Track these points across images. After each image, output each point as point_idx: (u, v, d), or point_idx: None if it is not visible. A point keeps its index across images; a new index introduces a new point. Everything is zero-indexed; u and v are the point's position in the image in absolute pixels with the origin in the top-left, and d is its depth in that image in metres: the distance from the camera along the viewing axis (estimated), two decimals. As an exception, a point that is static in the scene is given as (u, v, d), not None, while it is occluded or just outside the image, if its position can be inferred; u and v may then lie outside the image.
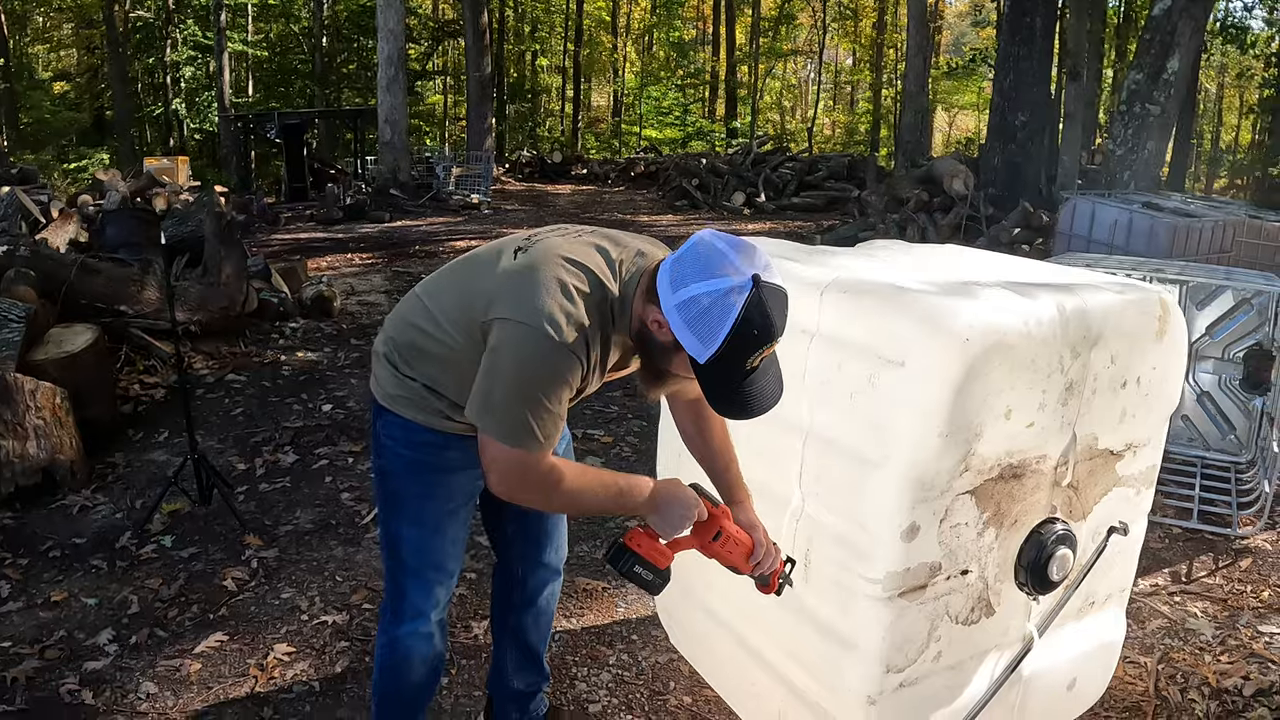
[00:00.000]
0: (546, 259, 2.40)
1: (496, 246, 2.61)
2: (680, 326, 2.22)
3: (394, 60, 21.22)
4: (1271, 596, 4.57)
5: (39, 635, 4.10)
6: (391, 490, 2.79)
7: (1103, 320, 2.77)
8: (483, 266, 2.53)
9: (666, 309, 2.24)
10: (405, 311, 2.70)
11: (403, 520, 2.78)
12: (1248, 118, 40.02)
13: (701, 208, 21.06)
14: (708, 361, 2.23)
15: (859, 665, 2.80)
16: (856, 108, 47.25)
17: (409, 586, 2.83)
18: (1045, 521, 2.92)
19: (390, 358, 2.67)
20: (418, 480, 2.73)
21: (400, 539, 2.80)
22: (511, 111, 40.38)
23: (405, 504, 2.76)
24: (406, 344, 2.64)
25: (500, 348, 2.32)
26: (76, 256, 7.73)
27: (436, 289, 2.67)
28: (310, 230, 16.59)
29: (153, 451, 6.07)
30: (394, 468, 2.74)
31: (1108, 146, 14.49)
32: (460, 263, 2.73)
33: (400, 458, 2.71)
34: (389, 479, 2.78)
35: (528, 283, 2.34)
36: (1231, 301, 6.19)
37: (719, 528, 2.58)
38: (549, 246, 2.45)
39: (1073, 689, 3.40)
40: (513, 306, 2.32)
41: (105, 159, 29.02)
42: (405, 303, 2.74)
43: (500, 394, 2.31)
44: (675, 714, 3.66)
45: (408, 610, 2.84)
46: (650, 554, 2.52)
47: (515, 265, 2.43)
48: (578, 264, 2.39)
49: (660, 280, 2.28)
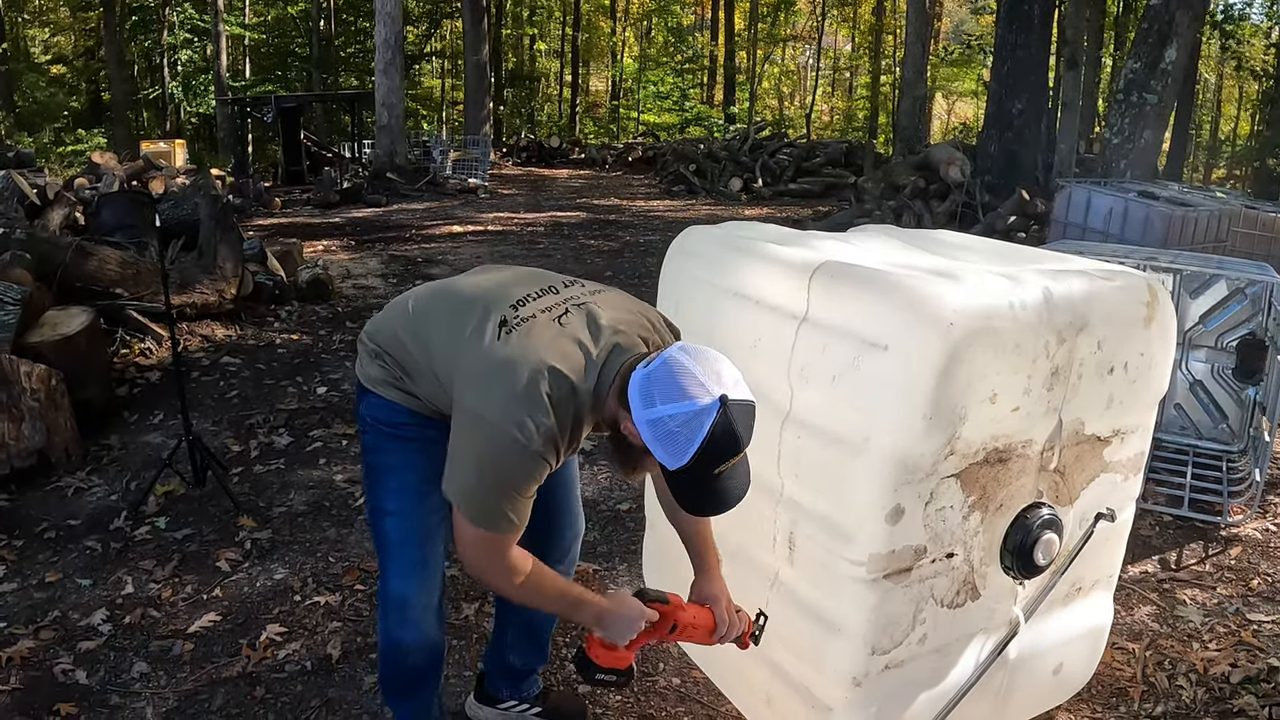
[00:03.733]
0: (526, 360, 2.38)
1: (485, 297, 2.59)
2: (651, 440, 2.27)
3: (391, 43, 21.18)
4: (1261, 585, 4.59)
5: (33, 616, 4.12)
6: (374, 464, 2.83)
7: (1089, 306, 2.78)
8: (467, 322, 2.51)
9: (638, 422, 2.29)
10: (394, 316, 2.78)
11: (387, 492, 2.80)
12: (1246, 108, 39.99)
13: (699, 193, 21.04)
14: (677, 471, 2.28)
15: (844, 647, 2.82)
16: (855, 94, 47.16)
17: (390, 570, 2.85)
18: (1031, 506, 2.93)
19: (374, 349, 2.76)
20: (400, 451, 2.75)
21: (384, 513, 2.81)
22: (509, 96, 40.34)
23: (389, 475, 2.79)
24: (388, 341, 2.74)
25: (473, 436, 2.39)
26: (72, 239, 7.73)
27: (426, 313, 2.70)
28: (306, 214, 16.56)
29: (148, 434, 6.08)
30: (376, 442, 2.79)
31: (1104, 135, 14.48)
32: (454, 294, 2.72)
33: (382, 432, 2.76)
34: (372, 453, 2.82)
35: (504, 384, 2.36)
36: (1225, 291, 6.19)
37: (674, 621, 2.68)
38: (532, 346, 2.41)
39: (1059, 674, 3.41)
40: (486, 404, 2.36)
41: (102, 142, 28.94)
42: (397, 306, 2.81)
43: (474, 479, 2.39)
44: (664, 695, 3.68)
45: (391, 599, 2.85)
46: (610, 661, 2.63)
47: (496, 355, 2.41)
48: (555, 371, 2.38)
49: (632, 393, 2.31)
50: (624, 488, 5.31)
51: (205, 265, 8.11)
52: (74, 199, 10.73)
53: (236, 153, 24.06)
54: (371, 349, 2.77)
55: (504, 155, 28.63)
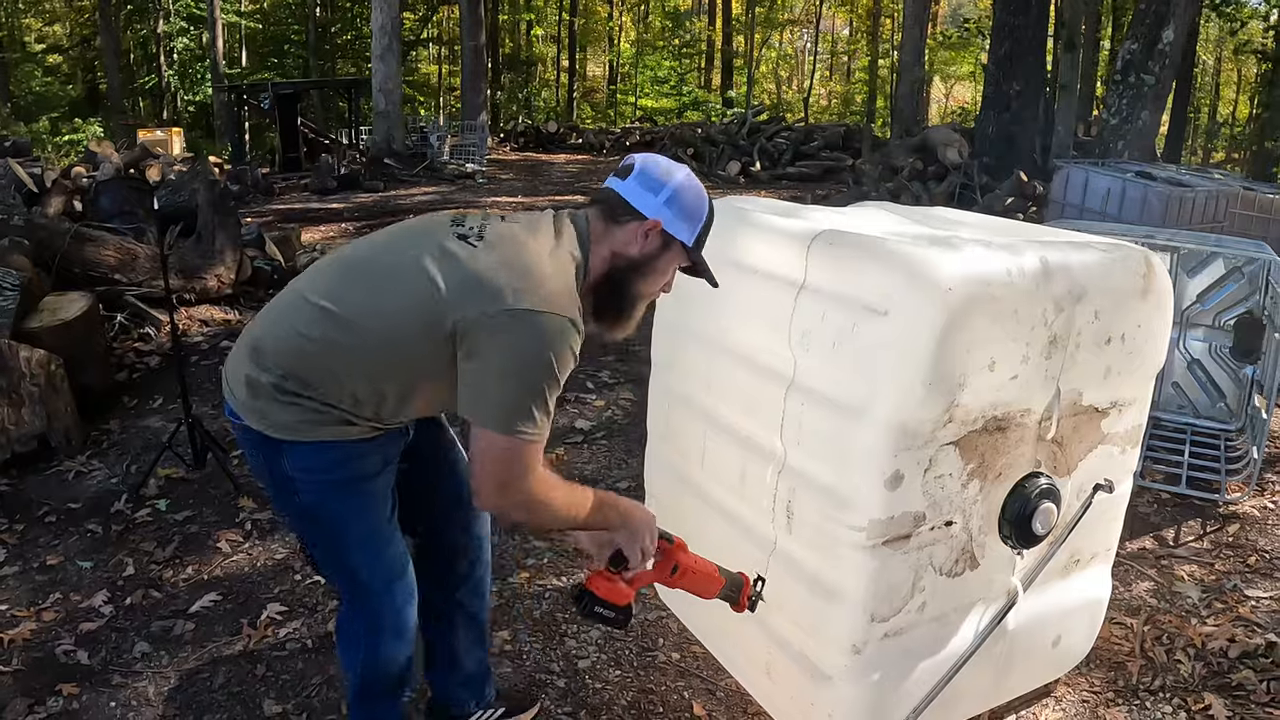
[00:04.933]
0: (522, 247, 2.39)
1: (404, 244, 2.48)
2: (673, 219, 2.50)
3: (388, 29, 21.14)
4: (1258, 561, 4.60)
5: (35, 598, 4.14)
6: (327, 522, 2.60)
7: (1086, 276, 2.79)
8: (414, 265, 2.38)
9: (654, 211, 2.48)
10: (292, 324, 2.45)
11: (351, 548, 2.64)
12: (1245, 91, 39.94)
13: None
14: (695, 242, 2.56)
15: (844, 614, 2.83)
16: (853, 78, 47.12)
17: (383, 607, 2.71)
18: (1029, 475, 2.94)
19: (277, 385, 2.41)
20: (350, 499, 2.57)
21: (357, 568, 2.67)
22: (507, 81, 40.26)
23: (347, 529, 2.61)
24: (295, 361, 2.41)
25: (505, 339, 2.27)
26: (71, 226, 7.72)
27: (341, 290, 2.45)
28: (305, 200, 16.57)
29: (148, 418, 6.09)
30: (319, 498, 2.54)
31: (1102, 116, 14.48)
32: (363, 260, 2.55)
33: (323, 485, 2.52)
34: (320, 511, 2.58)
35: (518, 274, 2.32)
36: (1223, 269, 6.19)
37: (675, 562, 2.68)
38: (511, 237, 2.42)
39: (1058, 646, 3.43)
40: (512, 299, 2.27)
41: (99, 131, 28.87)
42: (286, 314, 2.49)
43: (512, 385, 2.29)
44: (664, 669, 3.70)
45: (387, 625, 2.73)
46: (610, 594, 2.59)
47: (488, 259, 2.35)
48: (551, 247, 2.44)
49: (629, 197, 2.50)
50: (623, 466, 5.32)
51: (204, 250, 8.11)
52: (72, 187, 10.71)
53: (234, 140, 24.08)
54: (272, 383, 2.41)
55: (501, 140, 28.61)
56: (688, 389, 3.47)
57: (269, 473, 2.55)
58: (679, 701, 3.53)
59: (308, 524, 2.68)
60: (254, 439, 2.49)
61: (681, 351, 3.50)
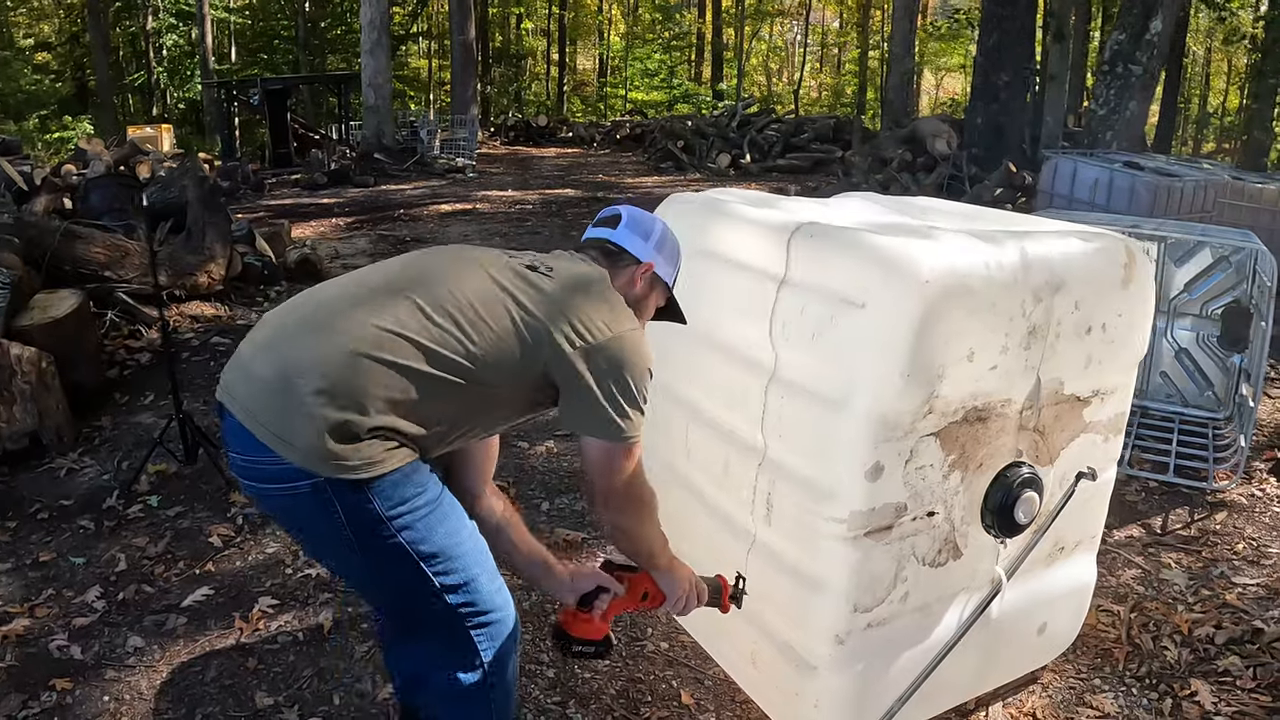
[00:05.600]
0: (590, 278, 2.56)
1: (470, 263, 2.49)
2: (662, 263, 2.73)
3: (377, 24, 21.14)
4: (1246, 549, 4.63)
5: (28, 595, 4.15)
6: (438, 549, 2.37)
7: (1066, 266, 2.82)
8: (496, 291, 2.40)
9: (649, 255, 2.69)
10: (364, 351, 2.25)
11: (470, 565, 2.45)
12: (1235, 82, 39.95)
13: (686, 170, 21.01)
14: (673, 283, 2.79)
15: (827, 605, 2.85)
16: (843, 70, 47.05)
17: (506, 619, 2.54)
18: (1011, 465, 2.97)
19: (357, 422, 2.21)
20: (449, 517, 2.42)
21: (479, 586, 2.46)
22: (496, 75, 40.20)
23: (460, 547, 2.43)
24: (368, 389, 2.23)
25: (604, 356, 2.40)
26: (60, 223, 7.71)
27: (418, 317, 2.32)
28: (295, 195, 16.55)
29: (139, 414, 6.10)
30: (424, 528, 2.34)
31: (1091, 107, 14.51)
32: (426, 281, 2.43)
33: (421, 511, 2.33)
34: (425, 542, 2.35)
35: (600, 302, 2.48)
36: (1210, 259, 6.22)
37: (645, 589, 2.74)
38: (573, 269, 2.58)
39: (1044, 633, 3.46)
40: (605, 324, 2.43)
41: (89, 129, 28.80)
42: (351, 339, 2.26)
43: (617, 396, 2.41)
44: (652, 659, 3.73)
45: (511, 638, 2.56)
46: (584, 632, 2.67)
47: (566, 294, 2.47)
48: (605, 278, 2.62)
49: (626, 244, 2.69)
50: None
51: (193, 247, 8.10)
52: (61, 184, 10.72)
53: (224, 136, 24.00)
54: (351, 419, 2.20)
55: (491, 135, 28.58)
56: (671, 380, 3.48)
57: (349, 524, 2.27)
58: (667, 690, 3.56)
59: (407, 568, 2.35)
60: (320, 498, 2.23)
61: (665, 343, 3.50)
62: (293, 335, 2.34)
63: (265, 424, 2.23)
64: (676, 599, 2.73)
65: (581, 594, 2.66)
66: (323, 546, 2.51)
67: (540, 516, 4.82)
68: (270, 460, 2.23)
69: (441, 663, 2.53)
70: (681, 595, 2.73)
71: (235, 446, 2.34)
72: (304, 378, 2.21)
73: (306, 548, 3.07)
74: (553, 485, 5.17)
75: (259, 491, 2.36)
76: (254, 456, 2.27)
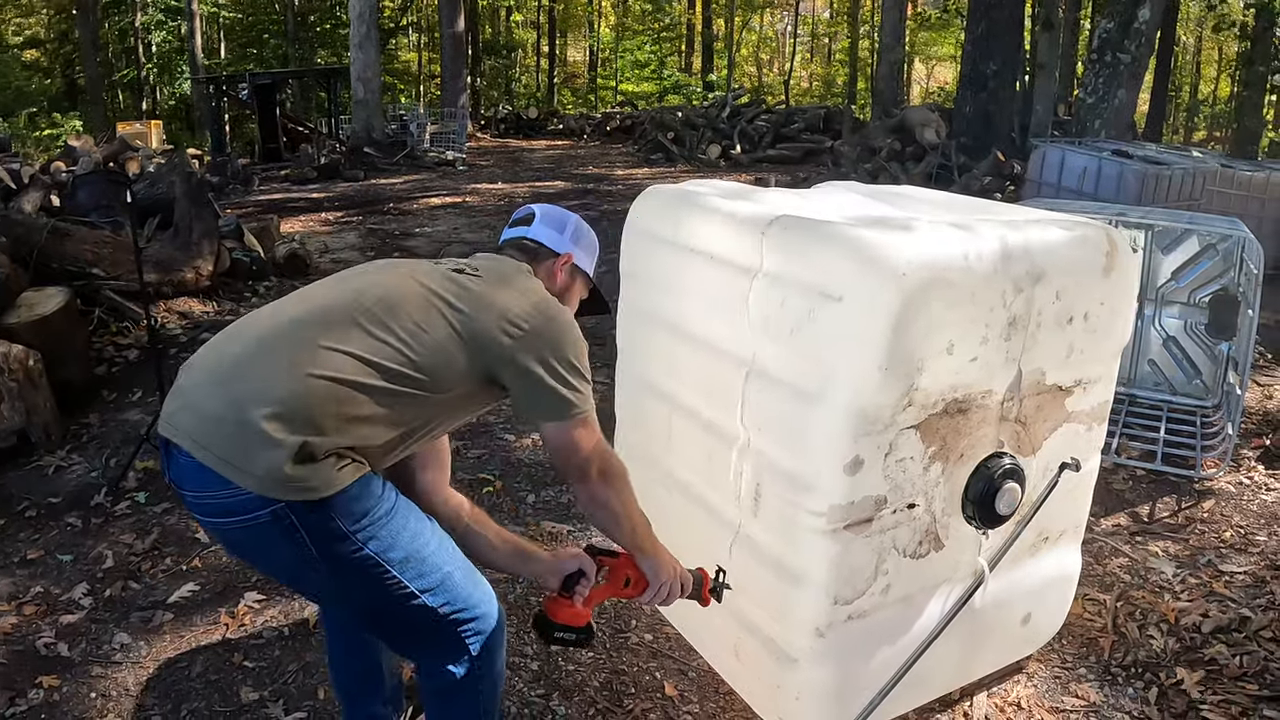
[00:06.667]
0: (514, 272, 2.64)
1: (395, 273, 2.54)
2: (581, 254, 2.84)
3: (366, 17, 21.11)
4: (1233, 537, 4.64)
5: (15, 592, 4.15)
6: (406, 553, 2.37)
7: (1046, 256, 2.81)
8: (426, 295, 2.44)
9: (565, 248, 2.81)
10: (307, 369, 2.25)
11: (443, 563, 2.45)
12: (1225, 70, 40.01)
13: (677, 161, 21.02)
14: (594, 273, 2.88)
15: (807, 598, 2.85)
16: (833, 60, 47.08)
17: (491, 611, 2.54)
18: (992, 456, 2.96)
19: (312, 443, 2.19)
20: (409, 519, 2.42)
21: (455, 582, 2.46)
22: (486, 68, 40.17)
23: (426, 547, 2.42)
24: (320, 409, 2.23)
25: (543, 341, 2.45)
26: (48, 220, 7.70)
27: (353, 332, 2.33)
28: (285, 190, 16.53)
29: (127, 411, 6.09)
30: (389, 535, 2.34)
31: (1080, 95, 14.52)
32: (356, 298, 2.42)
33: (382, 521, 2.33)
34: (394, 549, 2.35)
35: (528, 292, 2.54)
36: (1197, 246, 6.23)
37: (626, 575, 2.73)
38: (497, 266, 2.65)
39: (1028, 623, 3.46)
40: (536, 310, 2.49)
41: (78, 125, 28.74)
42: (287, 364, 2.27)
43: (564, 375, 2.45)
44: (636, 651, 3.74)
45: (497, 630, 2.57)
46: (568, 618, 2.66)
47: (494, 290, 2.51)
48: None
49: (542, 239, 2.80)
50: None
51: (181, 243, 8.09)
52: (50, 182, 10.67)
53: (213, 131, 24.01)
54: (302, 441, 2.18)
55: (482, 127, 28.58)
56: (653, 374, 3.50)
57: (314, 545, 2.25)
58: (651, 682, 3.57)
59: (380, 578, 2.34)
60: (280, 525, 2.21)
61: (645, 336, 3.53)
62: (237, 364, 2.32)
63: (220, 454, 2.20)
64: (660, 586, 2.71)
65: (565, 575, 2.66)
66: (291, 573, 2.48)
67: (527, 510, 4.83)
68: (226, 493, 2.20)
69: (431, 665, 2.55)
70: (665, 582, 2.71)
71: (185, 484, 2.29)
72: (256, 405, 2.19)
73: (277, 577, 3.04)
74: (539, 478, 5.17)
75: (215, 527, 2.34)
76: (206, 492, 2.25)
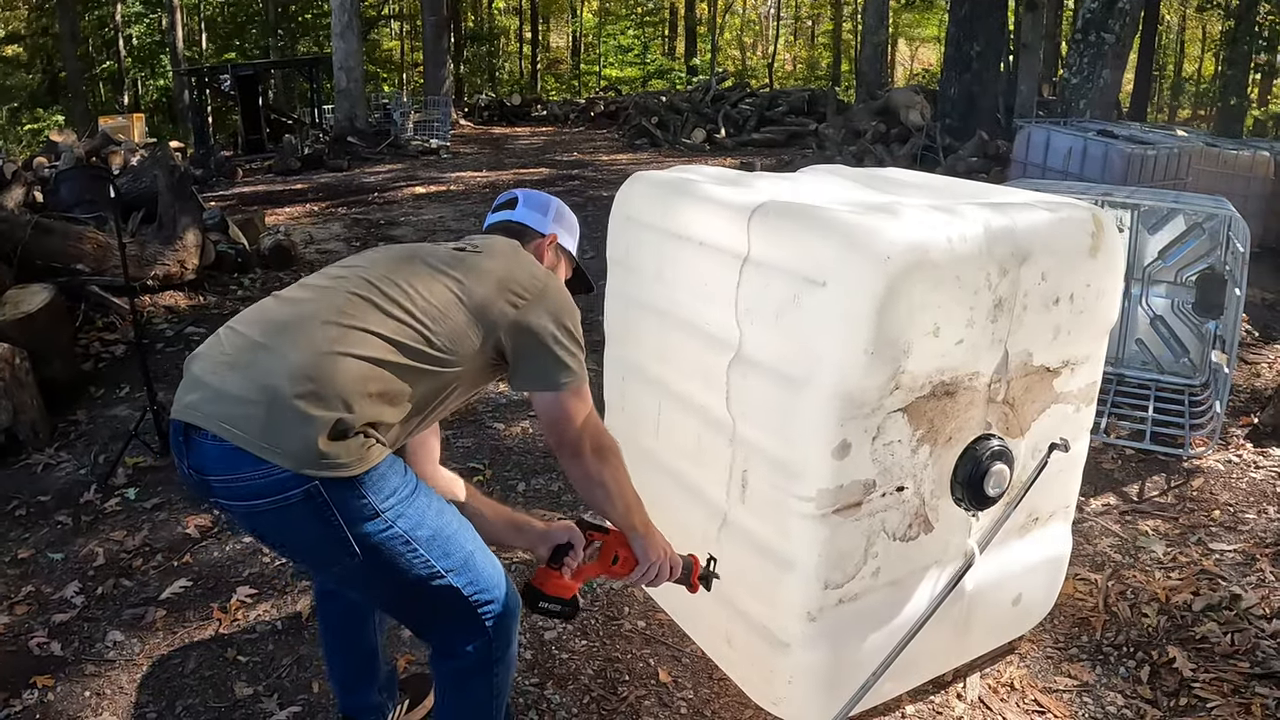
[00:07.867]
0: (510, 247, 2.70)
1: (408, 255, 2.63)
2: (564, 234, 2.94)
3: (347, 6, 21.04)
4: (1222, 515, 4.66)
5: (7, 592, 4.13)
6: (434, 532, 2.39)
7: (1031, 237, 2.81)
8: (436, 273, 2.49)
9: (549, 229, 2.90)
10: (339, 349, 2.28)
11: (465, 541, 2.47)
12: (1210, 49, 40.04)
13: (661, 146, 20.99)
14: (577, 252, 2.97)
15: (797, 582, 2.86)
16: (817, 42, 47.03)
17: (507, 595, 2.53)
18: (980, 438, 2.97)
19: (345, 420, 2.22)
20: (433, 498, 2.45)
21: (477, 562, 2.47)
22: (469, 55, 40.05)
23: (449, 526, 2.45)
24: (350, 386, 2.25)
25: (541, 311, 2.51)
26: (31, 217, 7.66)
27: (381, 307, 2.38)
28: (269, 181, 16.45)
29: (115, 407, 6.07)
30: (418, 513, 2.37)
31: (1064, 75, 14.54)
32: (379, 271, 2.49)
33: (410, 499, 2.36)
34: (421, 526, 2.37)
35: (524, 264, 2.63)
36: (1184, 226, 6.24)
37: (615, 552, 2.75)
38: (493, 244, 2.69)
39: (1019, 604, 3.47)
40: (530, 282, 2.55)
41: (60, 120, 28.62)
42: (323, 343, 2.28)
43: (561, 343, 2.51)
44: (630, 638, 3.74)
45: (512, 612, 2.55)
46: (555, 589, 2.67)
47: (495, 264, 2.58)
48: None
49: (527, 221, 2.89)
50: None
51: (165, 236, 8.06)
52: (32, 178, 10.63)
53: (196, 124, 23.89)
54: (338, 417, 2.20)
55: (466, 115, 28.44)
56: (641, 360, 3.50)
57: (346, 524, 2.26)
58: (644, 669, 3.57)
59: (408, 556, 2.35)
60: (313, 504, 2.22)
61: (633, 322, 3.53)
62: (256, 348, 2.32)
63: (250, 435, 2.19)
64: (649, 566, 2.71)
65: (555, 544, 2.69)
66: (317, 555, 2.44)
67: (517, 498, 4.82)
68: (259, 473, 2.20)
69: (449, 645, 2.55)
70: (654, 562, 2.71)
71: (212, 469, 2.27)
72: (286, 383, 2.20)
73: (300, 562, 3.08)
74: (528, 466, 5.17)
75: (244, 510, 2.31)
76: (237, 474, 2.23)
